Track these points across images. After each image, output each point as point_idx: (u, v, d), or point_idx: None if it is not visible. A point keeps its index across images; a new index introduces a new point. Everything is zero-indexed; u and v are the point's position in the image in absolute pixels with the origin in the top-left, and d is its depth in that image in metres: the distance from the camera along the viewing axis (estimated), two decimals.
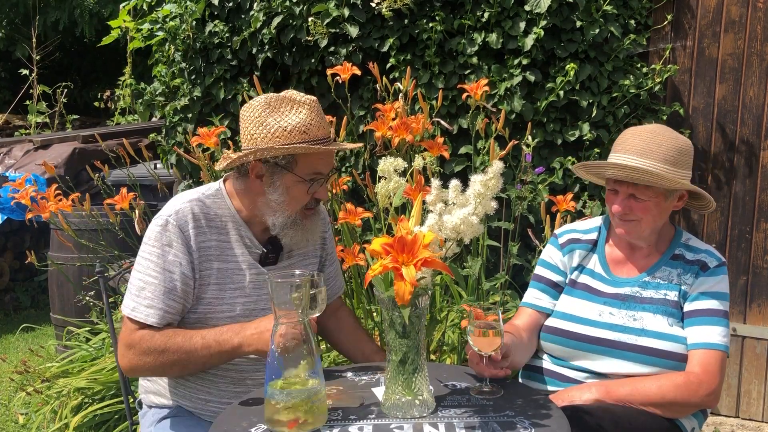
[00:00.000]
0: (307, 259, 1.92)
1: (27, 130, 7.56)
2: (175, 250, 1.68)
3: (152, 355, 1.65)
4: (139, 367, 1.68)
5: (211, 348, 1.64)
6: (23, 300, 5.60)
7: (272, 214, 1.73)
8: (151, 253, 1.69)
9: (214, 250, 1.73)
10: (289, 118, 1.68)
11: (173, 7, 3.95)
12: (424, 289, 1.40)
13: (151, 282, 1.68)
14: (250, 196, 1.77)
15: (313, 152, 1.69)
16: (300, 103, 1.70)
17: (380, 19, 3.41)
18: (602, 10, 3.21)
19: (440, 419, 1.41)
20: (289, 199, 1.72)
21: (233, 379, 1.77)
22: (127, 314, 1.69)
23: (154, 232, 1.71)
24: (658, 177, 1.71)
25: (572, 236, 1.98)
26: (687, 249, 1.85)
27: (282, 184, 1.71)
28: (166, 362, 1.65)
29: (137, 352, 1.66)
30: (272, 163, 1.69)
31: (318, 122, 1.70)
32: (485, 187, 1.45)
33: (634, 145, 1.77)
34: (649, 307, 1.80)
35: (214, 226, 1.75)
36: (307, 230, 1.79)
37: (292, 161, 1.69)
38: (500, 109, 2.94)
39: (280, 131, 1.67)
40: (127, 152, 3.32)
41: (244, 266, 1.77)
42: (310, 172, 1.71)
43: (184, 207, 1.72)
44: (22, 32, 9.50)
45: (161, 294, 1.67)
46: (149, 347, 1.65)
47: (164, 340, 1.65)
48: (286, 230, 1.75)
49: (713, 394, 1.70)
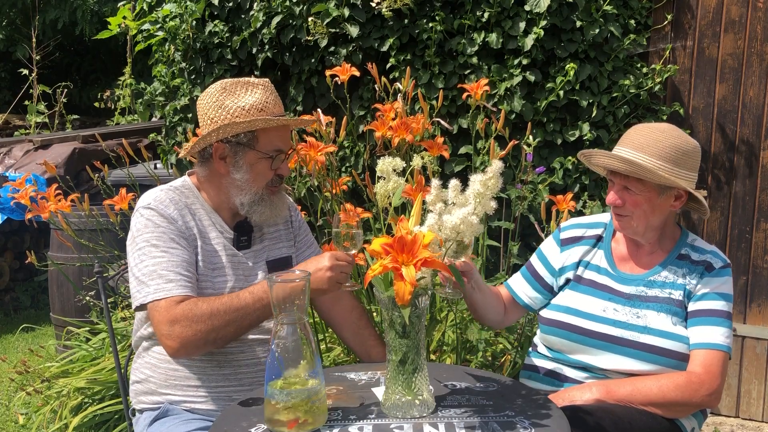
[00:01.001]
0: (281, 242, 1.96)
1: (27, 130, 7.56)
2: (169, 229, 1.72)
3: (202, 321, 1.62)
4: (191, 340, 1.62)
5: (263, 300, 1.64)
6: (23, 300, 5.60)
7: (239, 193, 1.79)
8: (148, 240, 1.71)
9: (195, 230, 1.78)
10: (246, 98, 1.76)
11: (173, 7, 3.95)
12: (424, 289, 1.40)
13: (159, 262, 1.68)
14: (215, 181, 1.83)
15: (273, 126, 1.76)
16: (254, 85, 1.79)
17: (380, 19, 3.41)
18: (602, 10, 3.21)
19: (440, 419, 1.41)
20: (254, 175, 1.78)
21: (219, 362, 1.78)
22: (150, 299, 1.66)
23: (141, 221, 1.74)
24: (644, 169, 1.72)
25: (574, 233, 1.98)
26: (693, 249, 1.86)
27: (246, 162, 1.77)
28: (218, 325, 1.62)
29: (186, 323, 1.62)
30: (234, 142, 1.76)
31: (273, 100, 1.80)
32: (485, 187, 1.45)
33: (633, 139, 1.79)
34: (654, 305, 1.80)
35: (188, 212, 1.80)
36: (275, 206, 1.84)
37: (253, 138, 1.77)
38: (500, 109, 2.94)
39: (239, 110, 1.75)
40: (126, 152, 3.32)
41: (219, 248, 1.81)
42: (271, 148, 1.78)
43: (160, 194, 1.79)
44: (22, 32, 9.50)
45: (175, 267, 1.68)
46: (196, 314, 1.62)
47: (209, 305, 1.64)
48: (255, 207, 1.80)
49: (714, 394, 1.70)
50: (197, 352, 1.69)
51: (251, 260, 1.86)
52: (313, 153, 2.48)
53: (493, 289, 2.01)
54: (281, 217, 1.92)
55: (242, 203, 1.80)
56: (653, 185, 1.76)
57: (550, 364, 1.92)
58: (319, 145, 2.51)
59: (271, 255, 1.91)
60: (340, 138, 2.80)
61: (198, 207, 1.83)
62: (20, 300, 5.59)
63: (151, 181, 3.45)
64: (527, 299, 1.99)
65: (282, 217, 1.94)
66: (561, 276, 1.95)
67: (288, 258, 1.96)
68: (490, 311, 1.94)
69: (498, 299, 1.99)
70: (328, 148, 2.52)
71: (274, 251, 1.92)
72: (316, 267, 1.65)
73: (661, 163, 1.73)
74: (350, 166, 3.52)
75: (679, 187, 1.77)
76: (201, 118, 1.81)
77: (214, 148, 1.79)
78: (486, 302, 1.91)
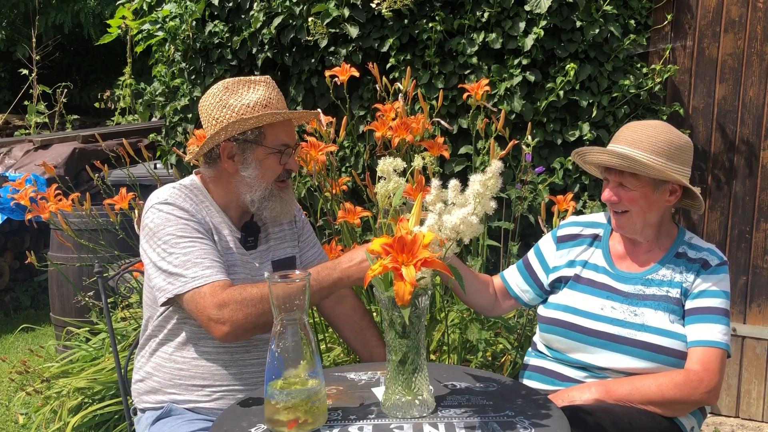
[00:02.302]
0: (285, 242, 1.96)
1: (27, 130, 7.55)
2: (192, 221, 1.73)
3: (252, 305, 1.61)
4: (242, 323, 1.61)
5: (311, 287, 1.63)
6: (23, 300, 5.60)
7: (249, 190, 1.79)
8: (173, 233, 1.70)
9: (210, 225, 1.78)
10: (250, 96, 1.77)
11: (173, 7, 3.95)
12: (424, 289, 1.40)
13: (191, 251, 1.68)
14: (223, 181, 1.82)
15: (279, 120, 1.77)
16: (257, 82, 1.80)
17: (380, 19, 3.41)
18: (602, 10, 3.21)
19: (440, 419, 1.41)
20: (263, 171, 1.78)
21: (225, 361, 1.79)
22: (190, 287, 1.64)
23: (160, 216, 1.72)
24: (638, 163, 1.73)
25: (571, 231, 1.99)
26: (690, 247, 1.86)
27: (254, 158, 1.77)
28: (268, 309, 1.60)
29: (236, 306, 1.61)
30: (242, 140, 1.76)
31: (276, 96, 1.81)
32: (484, 187, 1.45)
33: (626, 136, 1.81)
34: (652, 303, 1.81)
35: (202, 208, 1.81)
36: (285, 202, 1.84)
37: (260, 135, 1.77)
38: (500, 109, 2.94)
39: (244, 108, 1.75)
40: (126, 152, 3.32)
41: (231, 245, 1.82)
42: (278, 143, 1.79)
43: (174, 191, 1.78)
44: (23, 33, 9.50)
45: (209, 254, 1.69)
46: (246, 298, 1.61)
47: (258, 289, 1.63)
48: (266, 203, 1.80)
49: (713, 392, 1.71)
50: (246, 335, 1.67)
51: (257, 260, 1.87)
52: (314, 153, 2.49)
53: (481, 276, 2.03)
54: (290, 213, 1.93)
55: (252, 200, 1.79)
56: (648, 180, 1.77)
57: (550, 363, 1.93)
58: (320, 144, 2.51)
59: (276, 255, 1.92)
60: (340, 138, 2.80)
61: (208, 205, 1.83)
62: (20, 300, 5.59)
63: (151, 181, 3.45)
64: (518, 290, 2.01)
65: (290, 214, 1.94)
66: (552, 273, 1.96)
67: (292, 258, 1.96)
68: (477, 296, 1.98)
69: (485, 285, 2.02)
70: (329, 148, 2.52)
71: (278, 251, 1.93)
72: (360, 255, 1.66)
73: (654, 158, 1.75)
74: (350, 166, 3.52)
75: (673, 181, 1.78)
76: (205, 119, 1.81)
77: (221, 147, 1.78)
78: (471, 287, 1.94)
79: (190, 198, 1.79)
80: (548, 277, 1.97)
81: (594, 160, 1.84)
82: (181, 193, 1.79)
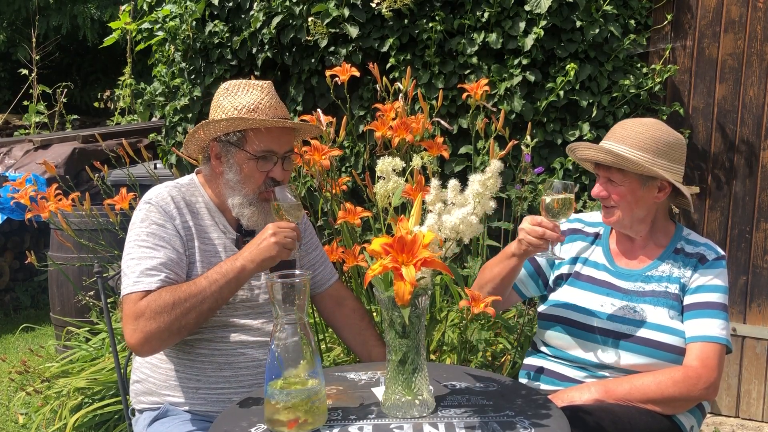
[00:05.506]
0: None
1: (27, 130, 7.55)
2: (163, 226, 1.73)
3: (164, 313, 1.61)
4: (154, 333, 1.60)
5: (218, 281, 1.64)
6: (23, 300, 5.60)
7: (232, 193, 1.79)
8: (140, 234, 1.72)
9: (193, 230, 1.78)
10: (241, 99, 1.77)
11: (173, 7, 3.95)
12: (424, 289, 1.40)
13: (147, 256, 1.69)
14: (215, 181, 1.83)
15: (260, 127, 1.75)
16: (253, 86, 1.80)
17: (380, 19, 3.41)
18: (602, 10, 3.21)
19: (440, 419, 1.41)
20: (243, 177, 1.77)
21: (219, 363, 1.78)
22: (128, 291, 1.66)
23: (139, 216, 1.75)
24: (623, 159, 1.75)
25: (576, 226, 2.01)
26: (687, 243, 1.88)
27: (235, 162, 1.77)
28: (180, 314, 1.61)
29: (148, 316, 1.61)
30: (225, 141, 1.77)
31: (269, 102, 1.78)
32: (484, 187, 1.45)
33: (617, 132, 1.83)
34: (651, 299, 1.82)
35: (190, 210, 1.80)
36: (267, 213, 1.78)
37: (242, 138, 1.76)
38: (500, 109, 2.94)
39: (232, 110, 1.76)
40: (126, 152, 3.32)
41: (220, 249, 1.81)
42: (259, 149, 1.76)
43: (162, 191, 1.79)
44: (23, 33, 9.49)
45: (159, 264, 1.68)
46: (158, 307, 1.61)
47: (170, 294, 1.63)
48: (244, 209, 1.78)
49: (712, 387, 1.71)
50: (162, 346, 1.66)
51: None
52: (318, 156, 2.48)
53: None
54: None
55: (233, 204, 1.79)
56: (635, 176, 1.79)
57: (550, 363, 1.93)
58: (323, 148, 2.51)
59: None
60: (340, 138, 2.80)
61: (201, 206, 1.83)
62: (20, 300, 5.59)
63: (151, 181, 3.45)
64: (518, 282, 2.00)
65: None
66: (557, 269, 1.97)
67: (293, 261, 1.95)
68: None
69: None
70: (332, 152, 2.51)
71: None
72: (260, 238, 1.65)
73: (640, 154, 1.76)
74: (350, 166, 3.52)
75: (659, 177, 1.78)
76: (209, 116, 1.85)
77: (210, 146, 1.80)
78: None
79: (176, 200, 1.78)
80: (552, 272, 1.98)
81: (582, 155, 1.87)
82: (169, 193, 1.79)
